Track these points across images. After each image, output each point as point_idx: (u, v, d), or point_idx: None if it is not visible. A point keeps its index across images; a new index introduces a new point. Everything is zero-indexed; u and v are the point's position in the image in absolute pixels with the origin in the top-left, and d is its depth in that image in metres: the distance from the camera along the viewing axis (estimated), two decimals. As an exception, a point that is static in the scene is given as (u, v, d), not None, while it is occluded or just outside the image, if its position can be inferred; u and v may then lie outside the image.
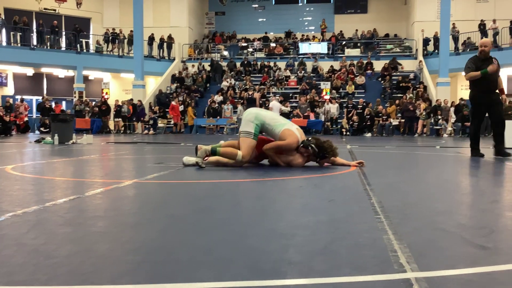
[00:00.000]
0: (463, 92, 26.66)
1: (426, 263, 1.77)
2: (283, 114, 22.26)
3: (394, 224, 2.43)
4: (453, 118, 20.92)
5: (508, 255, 1.91)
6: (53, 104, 23.17)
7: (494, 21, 24.38)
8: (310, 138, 5.45)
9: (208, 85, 27.02)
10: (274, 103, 21.13)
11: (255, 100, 20.55)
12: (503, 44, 23.93)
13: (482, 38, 24.79)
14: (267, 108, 20.20)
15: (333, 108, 22.11)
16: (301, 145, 5.41)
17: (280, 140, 5.41)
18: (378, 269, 1.70)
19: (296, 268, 1.70)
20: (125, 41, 27.65)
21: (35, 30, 26.44)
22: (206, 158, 5.49)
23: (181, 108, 23.15)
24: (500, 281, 1.59)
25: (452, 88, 24.74)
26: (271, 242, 2.09)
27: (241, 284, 1.54)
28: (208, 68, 27.78)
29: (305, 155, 5.46)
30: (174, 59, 28.64)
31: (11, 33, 25.23)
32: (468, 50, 25.22)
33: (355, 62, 26.94)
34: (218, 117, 22.61)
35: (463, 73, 7.91)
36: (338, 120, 22.20)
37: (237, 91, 25.28)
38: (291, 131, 5.40)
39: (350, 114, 21.58)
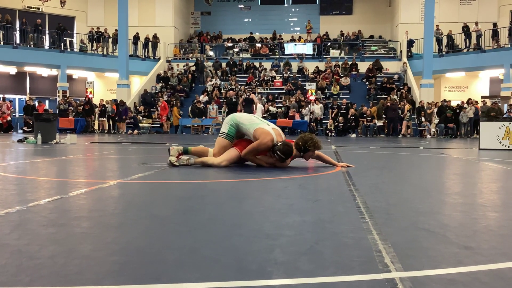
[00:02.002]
0: (447, 93, 26.96)
1: (410, 262, 1.79)
2: (271, 114, 22.31)
3: (379, 224, 2.45)
4: (436, 119, 21.12)
5: (491, 255, 1.93)
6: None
7: (476, 23, 24.67)
8: (278, 144, 5.34)
9: (193, 85, 26.94)
10: (258, 105, 21.23)
11: (252, 101, 20.48)
12: (486, 47, 24.23)
13: (465, 40, 25.15)
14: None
15: (317, 109, 22.17)
16: (271, 150, 5.41)
17: (254, 139, 5.45)
18: (363, 269, 1.71)
19: (281, 268, 1.71)
20: (110, 40, 27.43)
21: (18, 29, 26.10)
22: (179, 157, 5.62)
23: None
24: (483, 280, 1.61)
25: (436, 90, 24.98)
26: (257, 242, 2.09)
27: (226, 285, 1.54)
28: (193, 68, 27.70)
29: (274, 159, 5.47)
30: (159, 59, 28.50)
31: (-6, 31, 24.92)
32: (451, 52, 25.49)
33: (340, 63, 27.07)
34: (204, 117, 22.55)
35: None
36: (323, 121, 22.28)
37: (222, 91, 25.24)
38: (264, 129, 5.41)
39: (334, 115, 21.67)
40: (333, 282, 1.58)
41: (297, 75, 26.57)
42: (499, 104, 20.54)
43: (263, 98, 23.60)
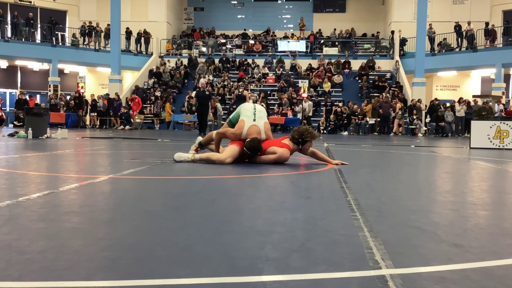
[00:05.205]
0: (438, 92, 27.07)
1: (401, 260, 1.79)
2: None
3: (370, 222, 2.46)
4: (427, 118, 21.21)
5: (480, 253, 1.94)
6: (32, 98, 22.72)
7: (469, 23, 24.77)
8: (248, 140, 5.44)
9: (185, 81, 26.85)
10: (249, 101, 21.33)
11: (244, 98, 20.39)
12: (478, 46, 24.35)
13: (457, 39, 25.24)
14: None
15: (305, 106, 22.09)
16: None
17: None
18: (354, 265, 1.72)
19: (272, 264, 1.71)
20: (102, 34, 27.26)
21: (9, 22, 25.88)
22: (197, 150, 6.05)
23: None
24: (473, 278, 1.62)
25: (428, 88, 25.08)
26: (248, 239, 2.09)
27: (217, 281, 1.54)
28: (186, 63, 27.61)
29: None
30: (151, 54, 28.39)
31: (-15, 24, 24.68)
32: (443, 51, 25.58)
33: (333, 60, 27.10)
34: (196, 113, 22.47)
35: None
36: (312, 118, 22.26)
37: (215, 87, 25.19)
38: (242, 122, 5.64)
39: (331, 114, 21.66)
40: (324, 279, 1.58)
41: (289, 72, 26.57)
42: (490, 104, 20.66)
43: (255, 95, 23.60)
